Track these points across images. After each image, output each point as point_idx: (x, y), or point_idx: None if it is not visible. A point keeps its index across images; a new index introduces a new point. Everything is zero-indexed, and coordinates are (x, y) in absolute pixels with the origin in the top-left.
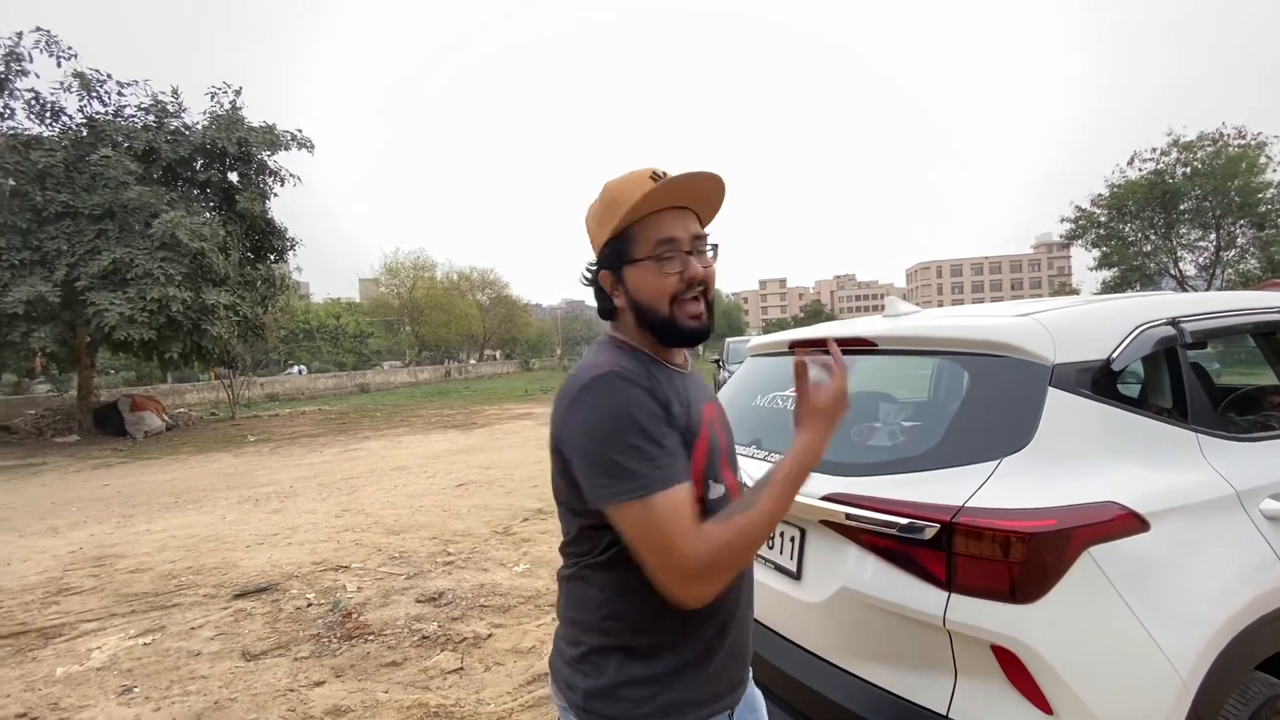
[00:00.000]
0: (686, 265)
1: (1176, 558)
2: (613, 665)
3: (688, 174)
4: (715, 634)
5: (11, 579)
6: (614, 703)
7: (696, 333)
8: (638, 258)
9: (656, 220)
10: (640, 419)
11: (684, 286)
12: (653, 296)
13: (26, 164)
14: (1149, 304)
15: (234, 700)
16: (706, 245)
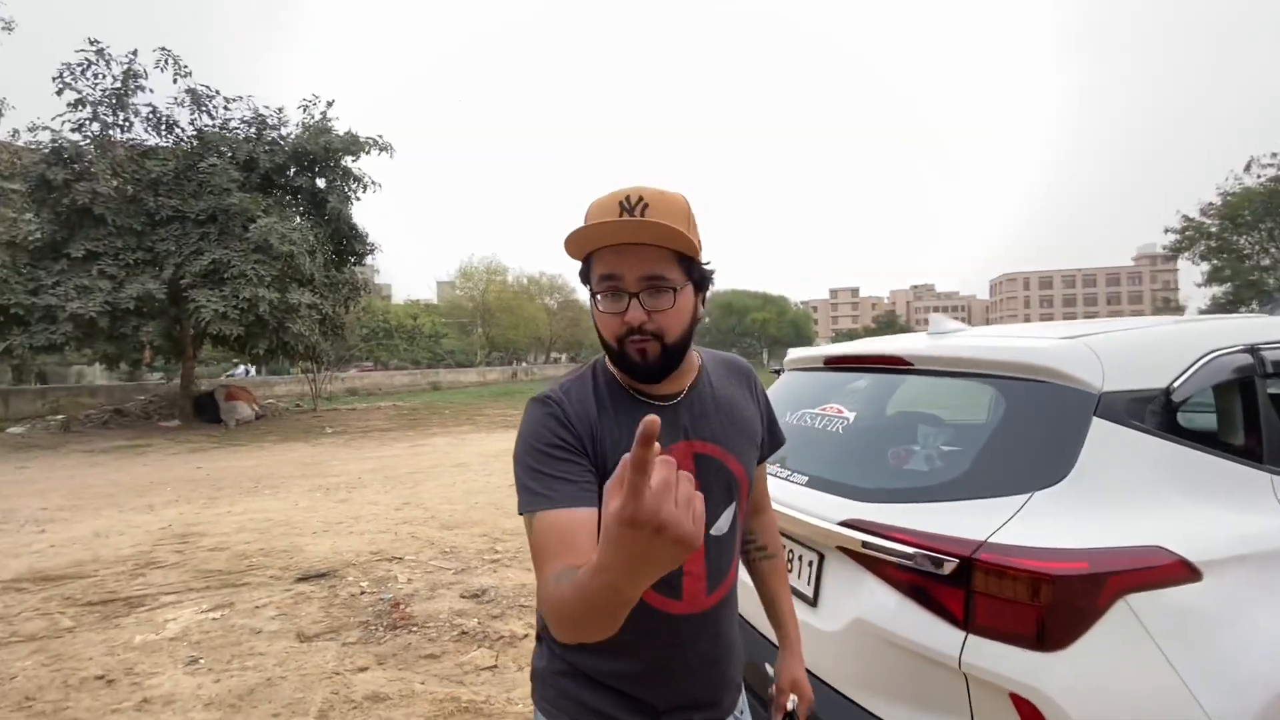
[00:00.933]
0: (627, 308)
1: (1233, 613)
2: (546, 651)
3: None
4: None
5: (108, 550)
6: (547, 687)
7: (642, 370)
8: (592, 289)
9: (605, 255)
10: (540, 442)
11: (625, 330)
12: (602, 330)
13: (142, 172)
14: (1225, 329)
15: (284, 678)
16: (665, 286)
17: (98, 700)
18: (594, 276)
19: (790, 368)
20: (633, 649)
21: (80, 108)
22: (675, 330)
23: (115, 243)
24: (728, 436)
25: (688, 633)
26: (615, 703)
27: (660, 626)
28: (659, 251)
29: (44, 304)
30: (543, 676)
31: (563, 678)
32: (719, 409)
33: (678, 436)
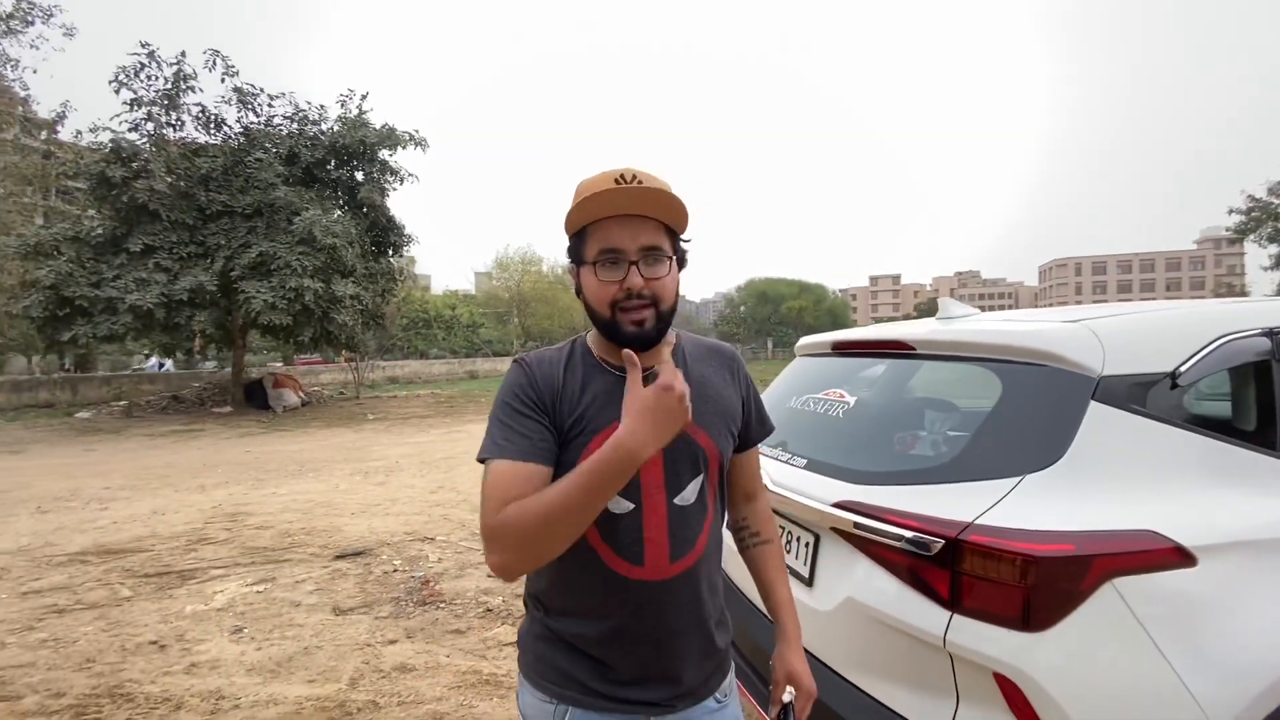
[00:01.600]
0: (627, 275)
1: (1228, 599)
2: (529, 621)
3: (614, 190)
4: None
5: (165, 527)
6: (525, 651)
7: (634, 338)
8: (586, 260)
9: (605, 226)
10: (507, 399)
11: (623, 295)
12: (595, 300)
13: (193, 169)
14: (1244, 312)
15: (320, 648)
16: (662, 256)
17: (151, 663)
18: (589, 249)
19: (801, 353)
20: (596, 612)
21: (136, 108)
22: (669, 298)
23: (170, 237)
24: (696, 411)
25: (649, 599)
26: (586, 669)
27: (621, 590)
28: (655, 224)
29: (105, 296)
30: (524, 641)
31: (540, 641)
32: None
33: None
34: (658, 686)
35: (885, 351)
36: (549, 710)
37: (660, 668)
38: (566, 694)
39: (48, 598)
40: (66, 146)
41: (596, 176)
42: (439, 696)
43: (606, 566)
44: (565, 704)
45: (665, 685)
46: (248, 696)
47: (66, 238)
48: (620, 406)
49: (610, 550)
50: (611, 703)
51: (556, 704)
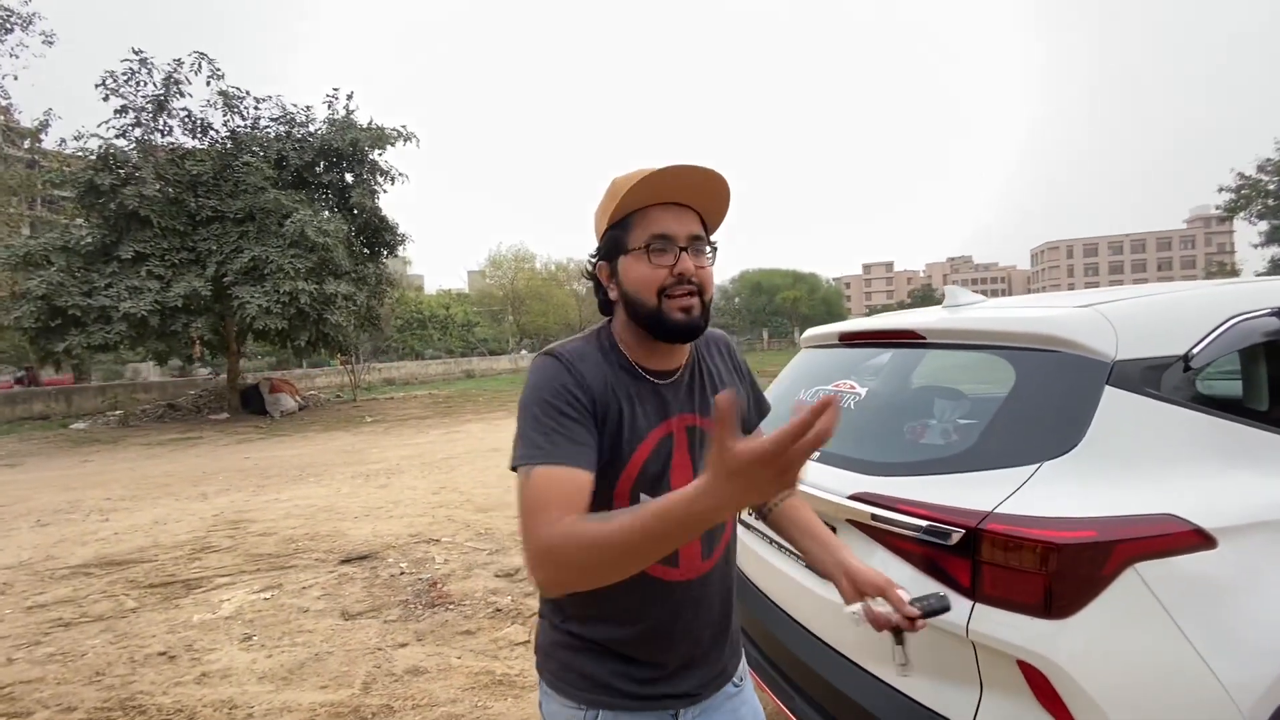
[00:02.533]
0: (679, 260)
1: (1250, 580)
2: (551, 631)
3: (685, 165)
4: (644, 644)
5: (167, 536)
6: (549, 660)
7: (684, 327)
8: (631, 248)
9: (654, 214)
10: (548, 397)
11: (673, 280)
12: (641, 287)
13: (182, 174)
14: (1253, 292)
15: (331, 653)
16: (705, 246)
17: (161, 674)
18: (635, 237)
19: (806, 345)
20: (633, 616)
21: (124, 114)
22: (710, 289)
23: (161, 244)
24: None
25: (686, 598)
26: (614, 669)
27: (659, 593)
28: (696, 215)
29: (98, 305)
30: (545, 650)
31: (563, 650)
32: (709, 383)
33: (672, 411)
34: (687, 679)
35: (895, 341)
36: (578, 715)
37: (693, 661)
38: (596, 699)
39: (53, 611)
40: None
41: (639, 170)
42: (453, 698)
43: (644, 573)
44: (595, 709)
45: (694, 677)
46: (261, 705)
47: (56, 247)
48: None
49: None
50: (641, 701)
51: (585, 709)
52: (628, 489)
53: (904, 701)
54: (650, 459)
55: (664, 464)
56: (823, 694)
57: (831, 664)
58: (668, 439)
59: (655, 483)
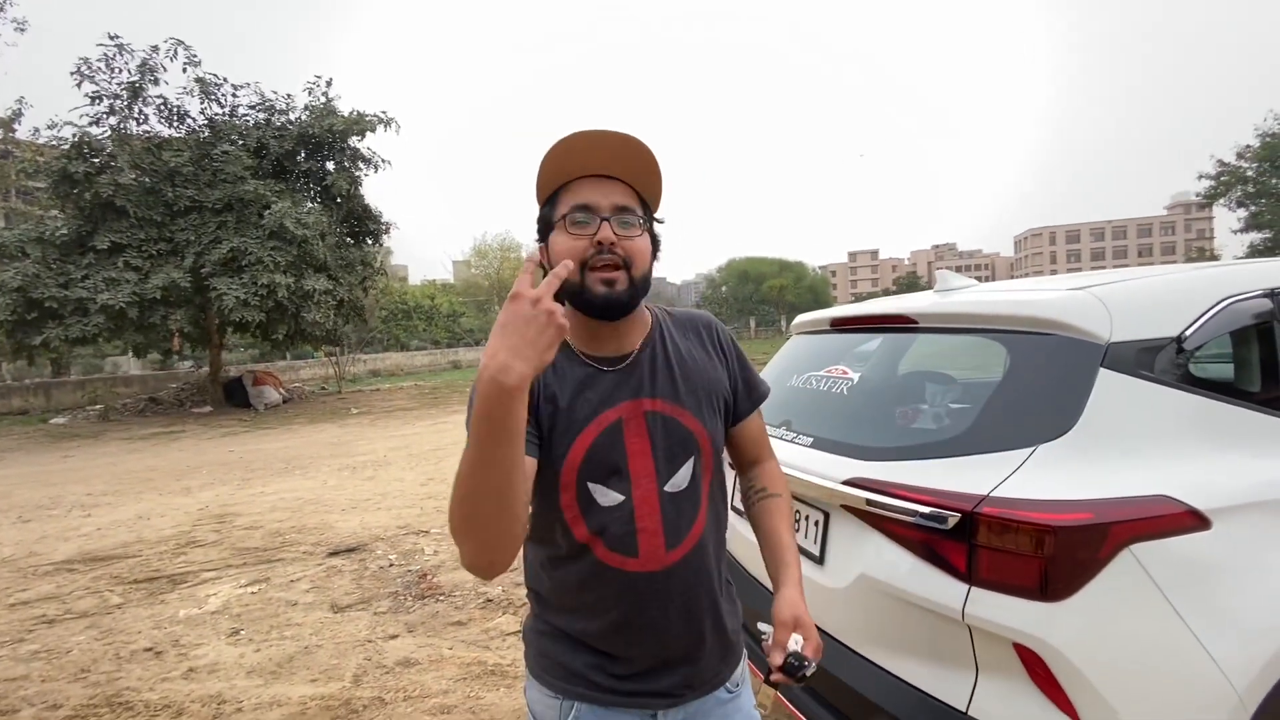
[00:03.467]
0: (599, 230)
1: (1243, 560)
2: (532, 619)
3: (595, 130)
4: (614, 637)
5: (151, 532)
6: (529, 647)
7: (606, 300)
8: (554, 220)
9: (576, 185)
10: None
11: (593, 250)
12: (563, 260)
13: (159, 164)
14: (1244, 274)
15: (320, 646)
16: (633, 218)
17: (148, 670)
18: (560, 208)
19: (797, 332)
20: (596, 609)
21: (98, 101)
22: (641, 263)
23: (138, 234)
24: (682, 394)
25: (649, 590)
26: (589, 662)
27: (621, 585)
28: (627, 189)
29: (75, 297)
30: (527, 636)
31: (543, 638)
32: (675, 367)
33: (620, 397)
34: (665, 677)
35: (887, 326)
36: (555, 705)
37: (666, 658)
38: (572, 690)
39: (36, 608)
40: (24, 145)
41: (563, 139)
42: (445, 689)
43: (599, 561)
44: (571, 699)
45: (672, 676)
46: (250, 699)
47: (31, 238)
48: (599, 402)
49: (601, 544)
50: (618, 696)
51: (563, 699)
52: (573, 479)
53: (901, 686)
54: (595, 447)
55: (617, 451)
56: (820, 681)
57: (828, 650)
58: (616, 425)
59: (610, 471)
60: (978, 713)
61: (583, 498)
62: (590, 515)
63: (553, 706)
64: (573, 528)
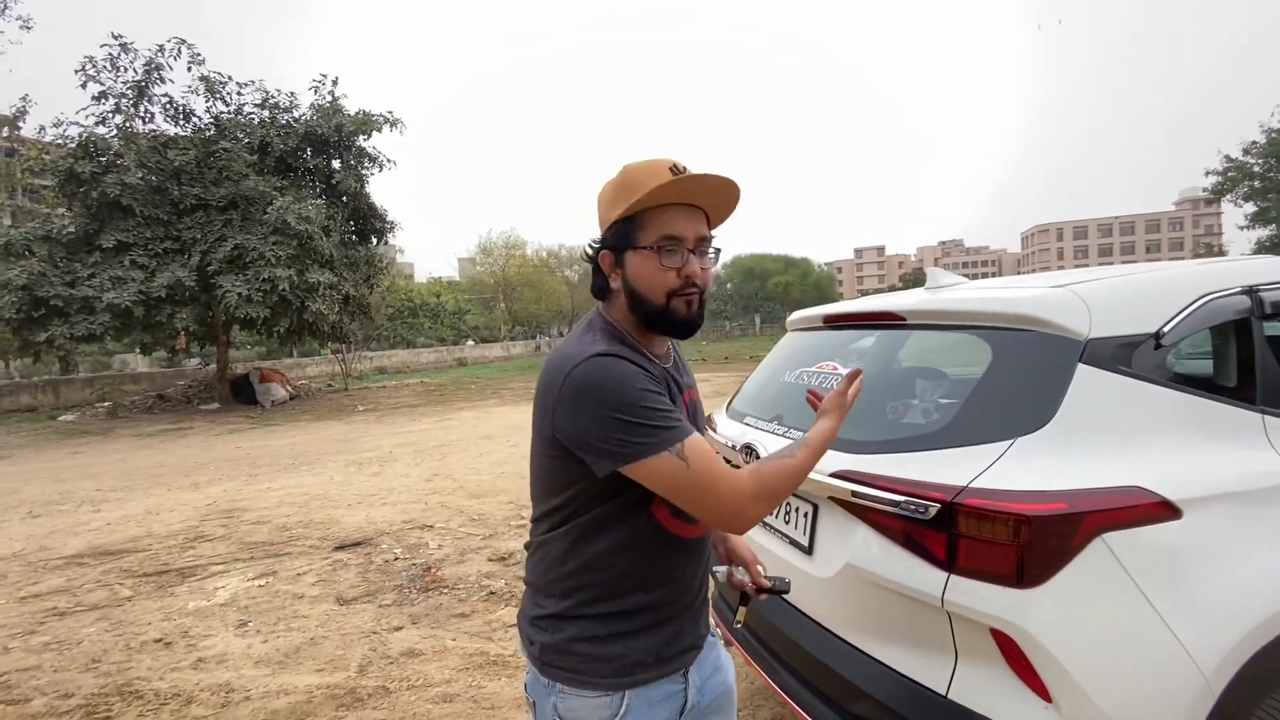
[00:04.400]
0: (686, 263)
1: (1213, 549)
2: (569, 625)
3: (705, 175)
4: (671, 604)
5: (160, 526)
6: (566, 656)
7: (687, 324)
8: (641, 245)
9: (666, 214)
10: (647, 385)
11: (681, 283)
12: (650, 286)
13: (165, 162)
14: (1224, 271)
15: (326, 638)
16: (709, 248)
17: (158, 660)
18: (646, 235)
19: (792, 328)
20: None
21: (104, 100)
22: (709, 287)
23: (144, 233)
24: (696, 383)
25: (701, 553)
26: (645, 645)
27: (687, 551)
28: (703, 216)
29: (81, 295)
30: (559, 648)
31: (583, 642)
32: (682, 363)
33: (681, 388)
34: (693, 630)
35: (876, 323)
36: (606, 703)
37: (698, 612)
38: (624, 681)
39: (47, 601)
40: (30, 143)
41: (649, 163)
42: (448, 679)
43: (667, 531)
44: (620, 691)
45: (698, 627)
46: (258, 688)
47: (37, 236)
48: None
49: (671, 516)
50: (662, 668)
51: (612, 695)
52: None
53: (883, 671)
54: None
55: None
56: (807, 666)
57: (815, 637)
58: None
59: None
60: (957, 696)
61: None
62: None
63: (603, 705)
64: (654, 507)
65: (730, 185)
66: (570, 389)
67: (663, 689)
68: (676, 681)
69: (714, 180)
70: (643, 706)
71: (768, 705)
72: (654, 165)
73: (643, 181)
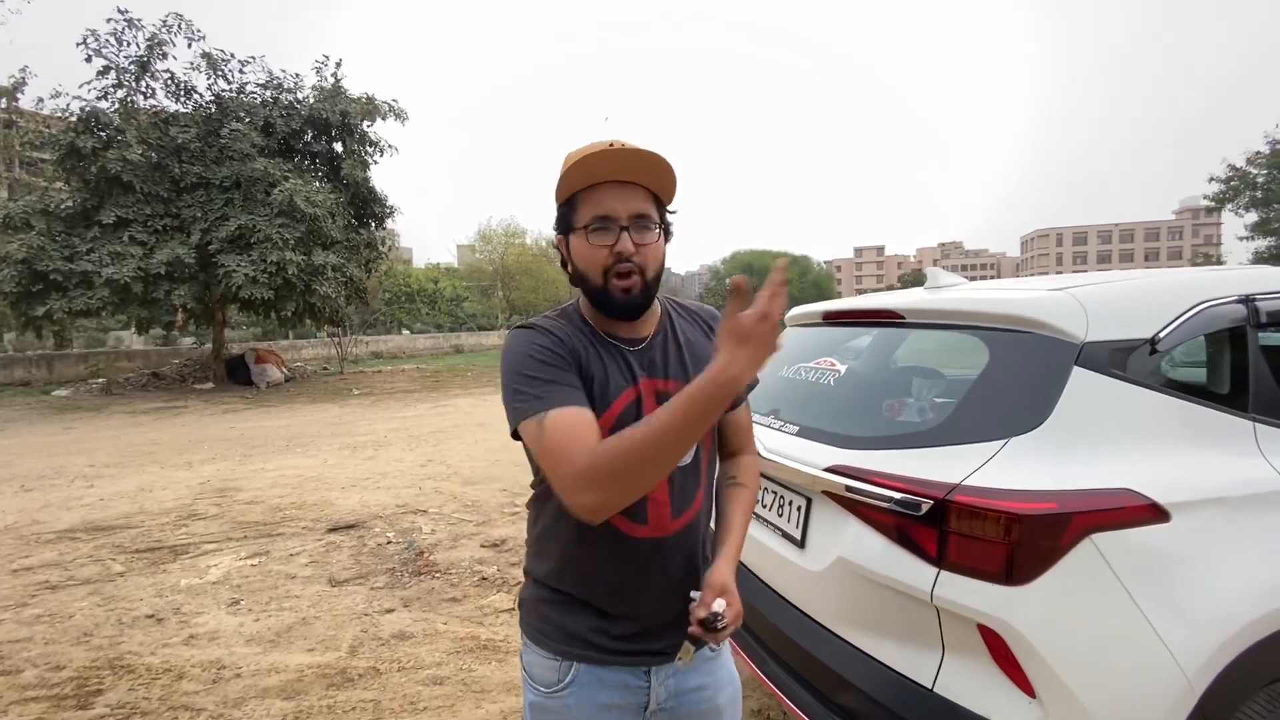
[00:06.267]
0: (619, 240)
1: (1200, 553)
2: (532, 586)
3: (619, 148)
4: (613, 598)
5: (153, 504)
6: (529, 614)
7: (627, 305)
8: (576, 227)
9: (597, 193)
10: (537, 355)
11: (613, 260)
12: (586, 267)
13: (166, 139)
14: (1218, 279)
15: (318, 618)
16: (649, 223)
17: (149, 636)
18: (581, 216)
19: (792, 324)
20: (603, 572)
21: (106, 75)
22: (654, 266)
23: (144, 209)
24: (689, 376)
25: (654, 555)
26: (590, 624)
27: (628, 549)
28: (644, 192)
29: (80, 270)
30: (526, 605)
31: (543, 605)
32: (682, 351)
33: (638, 376)
34: (659, 637)
35: (875, 320)
36: (555, 666)
37: (662, 619)
38: (572, 651)
39: (39, 574)
40: (29, 115)
41: (586, 146)
42: (438, 661)
43: (612, 526)
44: (570, 660)
45: (666, 635)
46: (249, 666)
47: (36, 210)
48: (623, 378)
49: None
50: (615, 655)
51: (561, 660)
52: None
53: (872, 664)
54: (620, 420)
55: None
56: (795, 657)
57: (804, 629)
58: (637, 401)
59: None
60: (943, 689)
61: None
62: None
63: (551, 668)
64: None
65: (650, 156)
66: (503, 349)
67: (615, 675)
68: (634, 675)
69: (632, 154)
70: (591, 684)
71: (755, 695)
72: (588, 147)
73: (576, 165)
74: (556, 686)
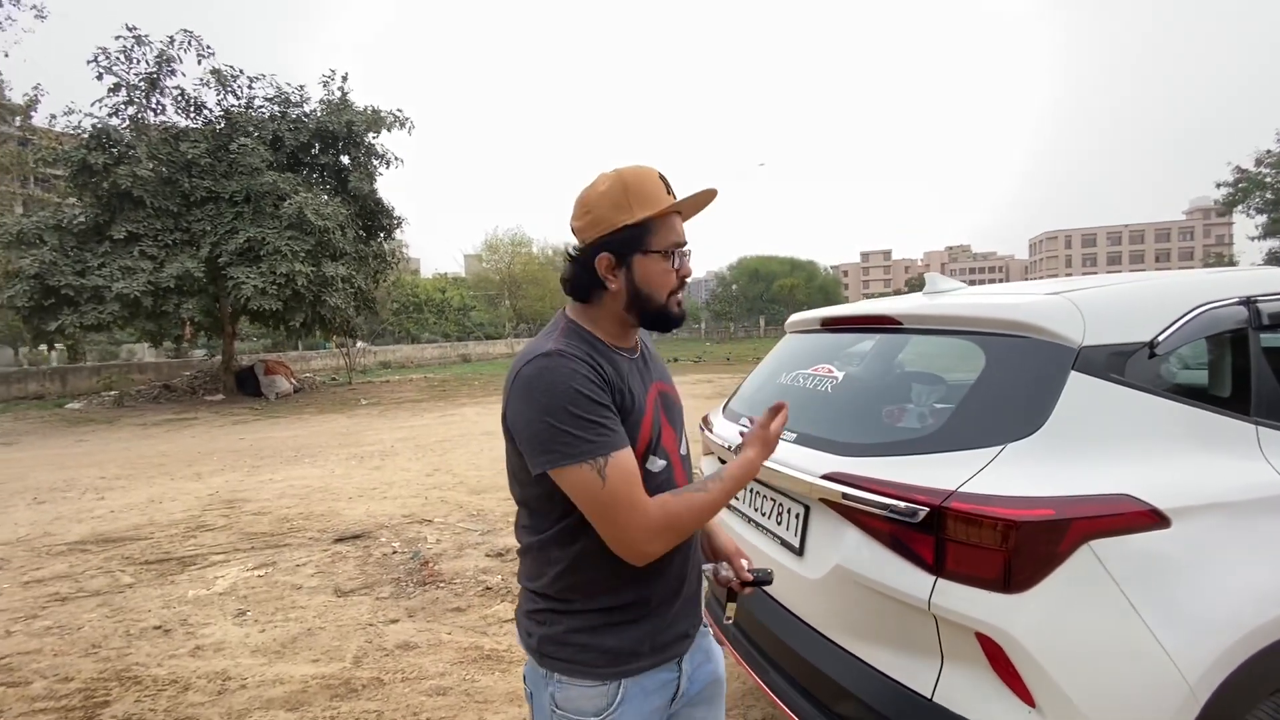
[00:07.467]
0: (684, 265)
1: (1201, 559)
2: (565, 618)
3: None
4: (663, 595)
5: (162, 515)
6: (563, 647)
7: (679, 319)
8: (654, 250)
9: (672, 221)
10: (583, 390)
11: (678, 283)
12: (657, 288)
13: (176, 154)
14: (1218, 281)
15: (323, 629)
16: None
17: (156, 647)
18: (657, 239)
19: (791, 330)
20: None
21: (117, 92)
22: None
23: (154, 224)
24: (668, 375)
25: (686, 542)
26: (636, 635)
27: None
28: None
29: (91, 284)
30: (557, 639)
31: (581, 633)
32: (650, 354)
33: (649, 380)
34: (686, 618)
35: (873, 326)
36: (602, 691)
37: (690, 599)
38: (619, 670)
39: (50, 586)
40: (42, 132)
41: (643, 170)
42: (442, 672)
43: None
44: (617, 680)
45: (691, 615)
46: (254, 677)
47: (49, 226)
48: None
49: None
50: (656, 657)
51: (609, 683)
52: (642, 452)
53: (871, 673)
54: (653, 423)
55: (658, 424)
56: (796, 667)
57: (803, 638)
58: (656, 402)
59: (659, 442)
60: (942, 699)
61: (643, 469)
62: (648, 482)
63: (599, 694)
64: None
65: (712, 197)
66: (518, 387)
67: (657, 678)
68: (671, 670)
69: (710, 197)
70: (638, 695)
71: (759, 705)
72: (649, 173)
73: (651, 191)
74: (606, 711)
